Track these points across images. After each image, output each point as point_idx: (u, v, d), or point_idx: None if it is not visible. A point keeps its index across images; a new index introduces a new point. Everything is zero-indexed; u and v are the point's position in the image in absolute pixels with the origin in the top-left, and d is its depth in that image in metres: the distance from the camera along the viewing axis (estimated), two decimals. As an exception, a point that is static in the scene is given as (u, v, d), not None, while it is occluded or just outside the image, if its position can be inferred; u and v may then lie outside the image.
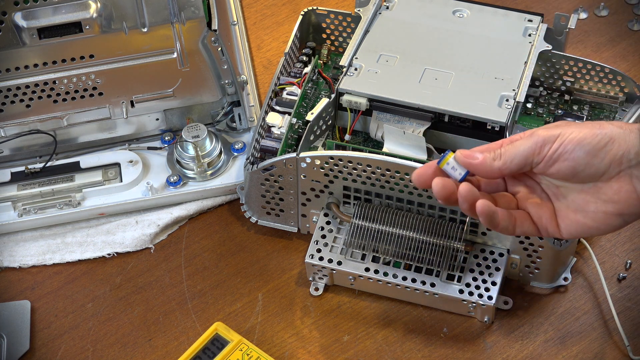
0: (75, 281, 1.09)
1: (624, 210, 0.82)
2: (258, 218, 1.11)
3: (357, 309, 1.05)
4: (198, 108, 1.17)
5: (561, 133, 0.82)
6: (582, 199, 0.84)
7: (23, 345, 1.04)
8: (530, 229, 0.85)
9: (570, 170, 0.82)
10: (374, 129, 1.07)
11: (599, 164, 0.82)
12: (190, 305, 1.07)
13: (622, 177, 0.82)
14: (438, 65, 1.08)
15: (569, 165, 0.82)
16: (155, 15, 1.07)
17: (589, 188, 0.83)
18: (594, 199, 0.83)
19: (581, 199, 0.84)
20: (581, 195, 0.84)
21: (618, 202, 0.82)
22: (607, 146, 0.81)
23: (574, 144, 0.82)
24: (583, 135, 0.82)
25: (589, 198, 0.83)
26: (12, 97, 1.10)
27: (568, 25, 1.11)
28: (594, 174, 0.82)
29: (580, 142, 0.81)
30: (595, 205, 0.83)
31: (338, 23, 1.17)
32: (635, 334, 1.02)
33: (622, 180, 0.82)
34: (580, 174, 0.82)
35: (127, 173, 1.14)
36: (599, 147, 0.81)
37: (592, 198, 0.83)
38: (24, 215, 1.12)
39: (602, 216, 0.83)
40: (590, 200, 0.83)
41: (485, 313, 1.02)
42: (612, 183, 0.82)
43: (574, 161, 0.82)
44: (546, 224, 0.85)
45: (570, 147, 0.82)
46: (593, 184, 0.83)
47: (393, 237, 1.03)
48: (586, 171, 0.82)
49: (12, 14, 1.03)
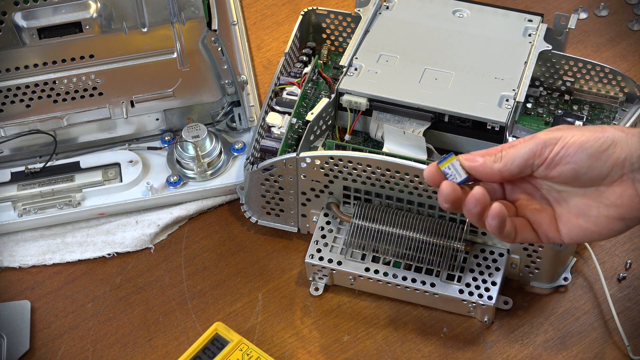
0: (75, 281, 1.09)
1: (626, 214, 0.82)
2: (258, 218, 1.11)
3: (357, 309, 1.05)
4: (198, 108, 1.17)
5: (563, 136, 0.82)
6: (584, 204, 0.83)
7: (23, 345, 1.04)
8: (531, 235, 0.85)
9: (572, 173, 0.82)
10: (374, 129, 1.07)
11: (601, 167, 0.81)
12: (190, 305, 1.07)
13: (624, 180, 0.81)
14: (438, 65, 1.08)
15: (570, 168, 0.82)
16: (155, 15, 1.07)
17: (591, 192, 0.83)
18: (596, 204, 0.83)
19: (583, 204, 0.83)
20: (583, 199, 0.83)
21: (620, 206, 0.82)
22: (610, 149, 0.81)
23: (576, 147, 0.81)
24: (585, 139, 0.81)
25: (591, 202, 0.83)
26: (12, 97, 1.10)
27: (568, 25, 1.11)
28: (596, 177, 0.82)
29: (583, 145, 0.81)
30: (598, 209, 0.83)
31: (338, 23, 1.17)
32: (635, 334, 1.02)
33: (625, 184, 0.81)
34: (582, 177, 0.82)
35: (127, 173, 1.14)
36: (601, 150, 0.81)
37: (594, 202, 0.83)
38: (24, 215, 1.12)
39: (604, 220, 0.83)
40: (592, 205, 0.83)
41: (485, 313, 1.02)
42: (615, 187, 0.82)
43: (575, 164, 0.81)
44: (546, 229, 0.85)
45: (572, 150, 0.81)
46: (595, 188, 0.83)
47: (393, 237, 1.03)
48: (588, 174, 0.82)
49: (12, 14, 1.03)
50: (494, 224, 0.82)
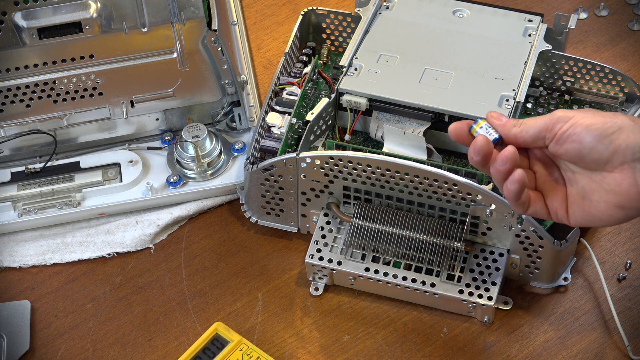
0: (75, 281, 1.09)
1: (625, 203, 0.83)
2: (258, 218, 1.11)
3: (357, 309, 1.05)
4: (198, 108, 1.17)
5: (575, 115, 0.84)
6: (589, 187, 0.85)
7: (23, 345, 1.04)
8: (542, 210, 0.87)
9: (576, 152, 0.84)
10: (374, 129, 1.07)
11: (603, 151, 0.83)
12: (190, 305, 1.07)
13: (625, 169, 0.83)
14: (438, 65, 1.08)
15: (575, 147, 0.83)
16: (155, 15, 1.07)
17: (596, 176, 0.84)
18: (598, 188, 0.84)
19: (588, 187, 0.85)
20: (589, 183, 0.85)
21: (619, 193, 0.83)
22: (614, 135, 0.82)
23: (583, 127, 0.83)
24: (594, 121, 0.83)
25: (595, 186, 0.84)
26: (12, 97, 1.10)
27: (568, 25, 1.11)
28: (597, 159, 0.83)
29: (589, 126, 0.83)
30: (599, 194, 0.84)
31: (338, 23, 1.17)
32: (635, 334, 1.02)
33: (625, 172, 0.83)
34: (585, 157, 0.84)
35: (127, 173, 1.14)
36: (606, 134, 0.82)
37: (597, 187, 0.84)
38: (24, 215, 1.12)
39: (604, 206, 0.84)
40: (595, 189, 0.84)
41: (485, 313, 1.02)
42: (615, 174, 0.83)
43: (579, 143, 0.83)
44: (557, 207, 0.87)
45: (579, 130, 0.83)
46: (599, 173, 0.84)
47: (393, 237, 1.03)
48: (590, 156, 0.83)
49: (12, 14, 1.03)
50: (514, 188, 0.84)
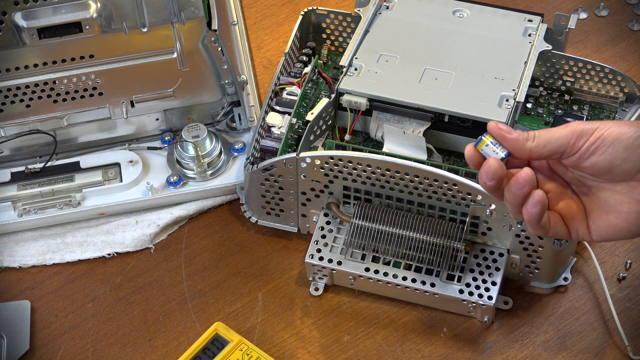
0: (75, 281, 1.09)
1: None
2: (258, 218, 1.11)
3: (357, 309, 1.05)
4: (198, 108, 1.17)
5: (599, 127, 0.81)
6: (614, 199, 0.82)
7: (23, 345, 1.04)
8: (563, 230, 0.84)
9: (607, 164, 0.81)
10: (374, 129, 1.07)
11: (636, 161, 0.80)
12: (190, 305, 1.07)
13: None
14: (438, 65, 1.08)
15: (605, 159, 0.81)
16: (155, 15, 1.07)
17: (621, 188, 0.82)
18: (627, 199, 0.82)
19: (614, 199, 0.82)
20: (614, 195, 0.82)
21: None
22: None
23: (612, 138, 0.80)
24: (623, 131, 0.80)
25: (622, 198, 0.82)
26: (12, 97, 1.10)
27: (568, 25, 1.11)
28: (629, 170, 0.81)
29: (619, 136, 0.80)
30: (629, 205, 0.82)
31: (338, 23, 1.17)
32: (635, 334, 1.02)
33: None
34: (615, 169, 0.81)
35: (127, 173, 1.14)
36: (638, 143, 0.80)
37: (626, 198, 0.82)
38: (24, 215, 1.12)
39: (635, 217, 0.82)
40: (623, 201, 0.82)
41: (485, 313, 1.02)
42: None
43: (611, 155, 0.80)
44: (577, 226, 0.84)
45: (609, 141, 0.80)
46: (626, 184, 0.82)
47: (393, 237, 1.03)
48: (622, 167, 0.81)
49: (12, 14, 1.03)
50: (535, 211, 0.81)
